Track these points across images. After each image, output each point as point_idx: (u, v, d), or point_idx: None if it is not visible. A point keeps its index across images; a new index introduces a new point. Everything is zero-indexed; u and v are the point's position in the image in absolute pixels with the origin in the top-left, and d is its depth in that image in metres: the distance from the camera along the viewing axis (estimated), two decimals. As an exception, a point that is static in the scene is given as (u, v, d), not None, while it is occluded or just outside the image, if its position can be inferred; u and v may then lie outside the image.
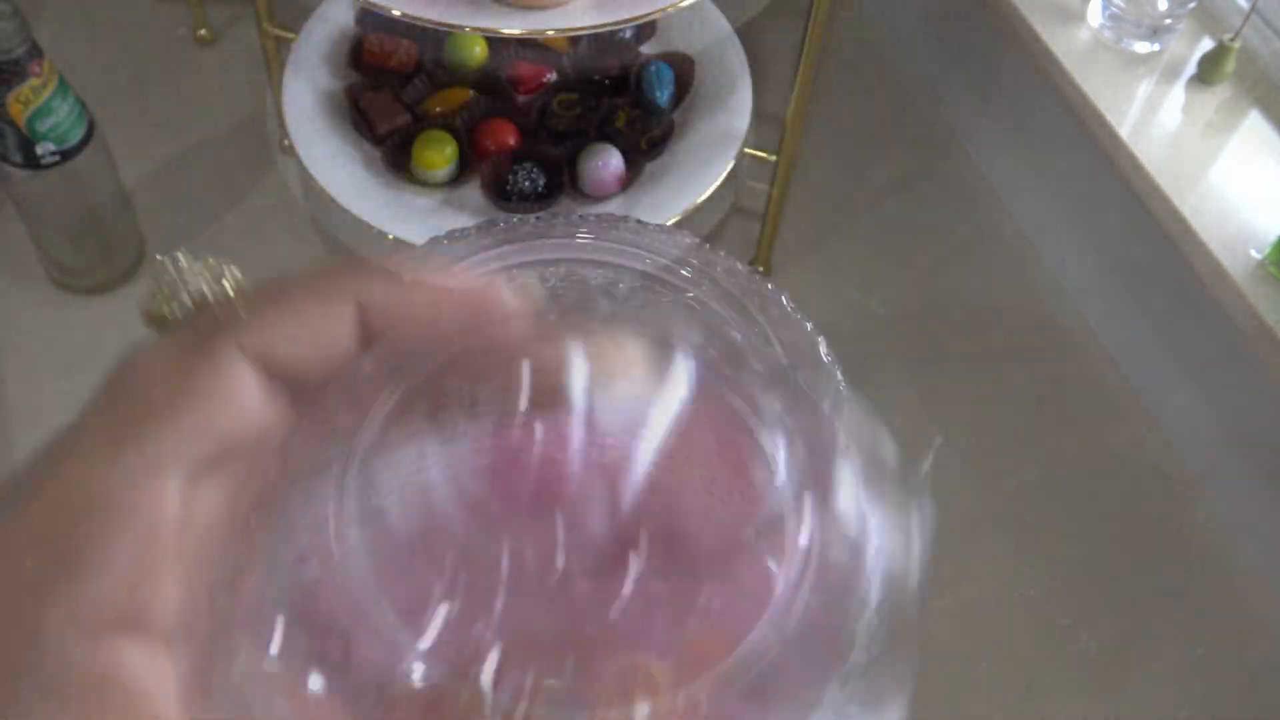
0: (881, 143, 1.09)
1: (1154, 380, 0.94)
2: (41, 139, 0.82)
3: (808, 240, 1.02)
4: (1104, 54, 0.86)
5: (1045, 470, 0.91)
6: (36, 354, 0.91)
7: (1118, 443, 0.93)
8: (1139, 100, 0.85)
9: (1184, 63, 0.87)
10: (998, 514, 0.89)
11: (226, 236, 0.98)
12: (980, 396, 0.94)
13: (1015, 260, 1.02)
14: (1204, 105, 0.85)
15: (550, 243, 0.54)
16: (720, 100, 0.92)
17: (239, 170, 1.03)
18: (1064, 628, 0.84)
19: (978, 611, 0.84)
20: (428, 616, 0.24)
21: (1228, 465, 0.88)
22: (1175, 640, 0.84)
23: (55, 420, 0.80)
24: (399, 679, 0.25)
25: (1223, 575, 0.87)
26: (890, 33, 1.17)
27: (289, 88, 0.91)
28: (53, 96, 0.81)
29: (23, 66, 0.79)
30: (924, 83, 1.13)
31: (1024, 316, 0.99)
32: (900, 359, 0.96)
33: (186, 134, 1.05)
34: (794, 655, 0.25)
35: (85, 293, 0.94)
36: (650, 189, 0.88)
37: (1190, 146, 0.82)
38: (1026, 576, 0.86)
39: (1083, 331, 0.98)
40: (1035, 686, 0.81)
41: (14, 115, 0.80)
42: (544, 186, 0.87)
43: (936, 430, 0.92)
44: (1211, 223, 0.78)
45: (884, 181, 1.07)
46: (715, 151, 0.89)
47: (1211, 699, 0.81)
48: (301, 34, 0.95)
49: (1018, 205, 1.05)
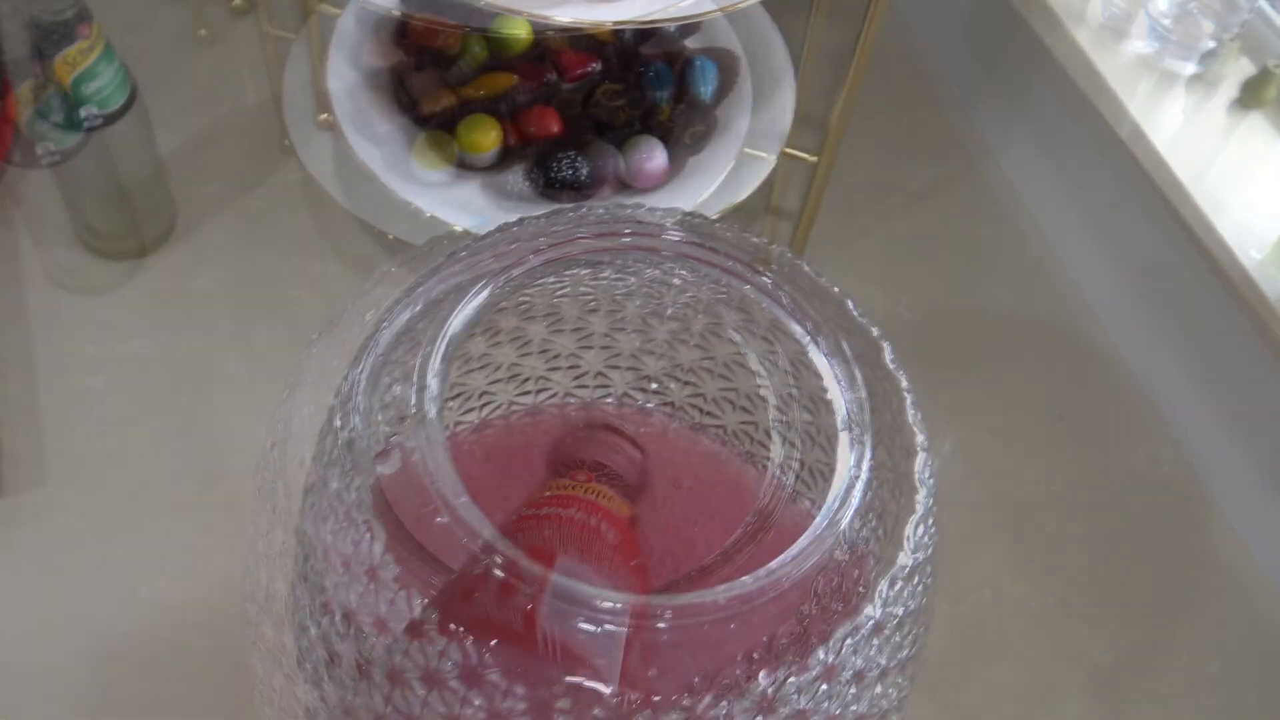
0: (912, 149, 1.10)
1: (1173, 396, 0.95)
2: (85, 102, 0.82)
3: (837, 242, 1.03)
4: (1147, 72, 0.87)
5: (1063, 481, 0.92)
6: (67, 318, 0.90)
7: (1135, 456, 0.94)
8: (1179, 120, 0.86)
9: (1225, 85, 0.88)
10: (1014, 523, 0.90)
11: (258, 208, 0.98)
12: (1001, 405, 0.95)
13: (1040, 271, 1.03)
14: (1244, 129, 0.86)
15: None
16: (763, 98, 0.92)
17: (272, 143, 1.02)
18: (1079, 639, 0.85)
19: (993, 620, 0.85)
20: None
21: (1244, 480, 0.90)
22: (1189, 653, 0.85)
23: (84, 383, 0.81)
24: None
25: (1237, 589, 0.88)
26: (924, 39, 1.18)
27: (333, 62, 0.91)
28: (99, 60, 0.81)
29: (71, 28, 0.79)
30: (957, 91, 1.14)
31: (1047, 327, 1.00)
32: (925, 363, 0.96)
33: (219, 105, 1.04)
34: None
35: (117, 258, 0.94)
36: (693, 184, 0.88)
37: (1230, 169, 0.83)
38: (1043, 586, 0.87)
39: (1106, 346, 1.00)
40: (1050, 697, 0.82)
41: (60, 77, 0.80)
42: (587, 175, 0.87)
43: (956, 434, 0.93)
44: (1247, 244, 0.79)
45: (914, 188, 1.07)
46: (757, 149, 0.89)
47: (1225, 712, 0.83)
48: (346, 9, 0.95)
49: (1044, 217, 1.06)
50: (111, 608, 0.79)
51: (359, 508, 0.47)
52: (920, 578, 0.49)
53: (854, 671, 0.46)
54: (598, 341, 0.69)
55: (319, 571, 0.51)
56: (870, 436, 0.48)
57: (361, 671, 0.49)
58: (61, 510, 0.82)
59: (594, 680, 0.44)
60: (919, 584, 0.49)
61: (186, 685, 0.76)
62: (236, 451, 0.86)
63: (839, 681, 0.46)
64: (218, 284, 0.94)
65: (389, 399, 0.49)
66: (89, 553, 0.81)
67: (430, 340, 0.49)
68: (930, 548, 0.50)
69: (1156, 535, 0.90)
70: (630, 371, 0.71)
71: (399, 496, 0.48)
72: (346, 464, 0.49)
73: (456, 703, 0.45)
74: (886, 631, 0.47)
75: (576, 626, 0.44)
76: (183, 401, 0.88)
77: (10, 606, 0.78)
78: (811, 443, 0.65)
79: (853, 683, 0.47)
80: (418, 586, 0.45)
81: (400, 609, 0.46)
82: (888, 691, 0.49)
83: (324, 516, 0.50)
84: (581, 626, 0.44)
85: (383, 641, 0.47)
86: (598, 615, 0.43)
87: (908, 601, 0.48)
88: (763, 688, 0.44)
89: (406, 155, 0.88)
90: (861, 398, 0.50)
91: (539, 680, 0.44)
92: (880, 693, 0.49)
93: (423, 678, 0.46)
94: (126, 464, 0.84)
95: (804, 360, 0.56)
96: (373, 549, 0.46)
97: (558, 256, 0.53)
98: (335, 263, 0.96)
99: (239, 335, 0.91)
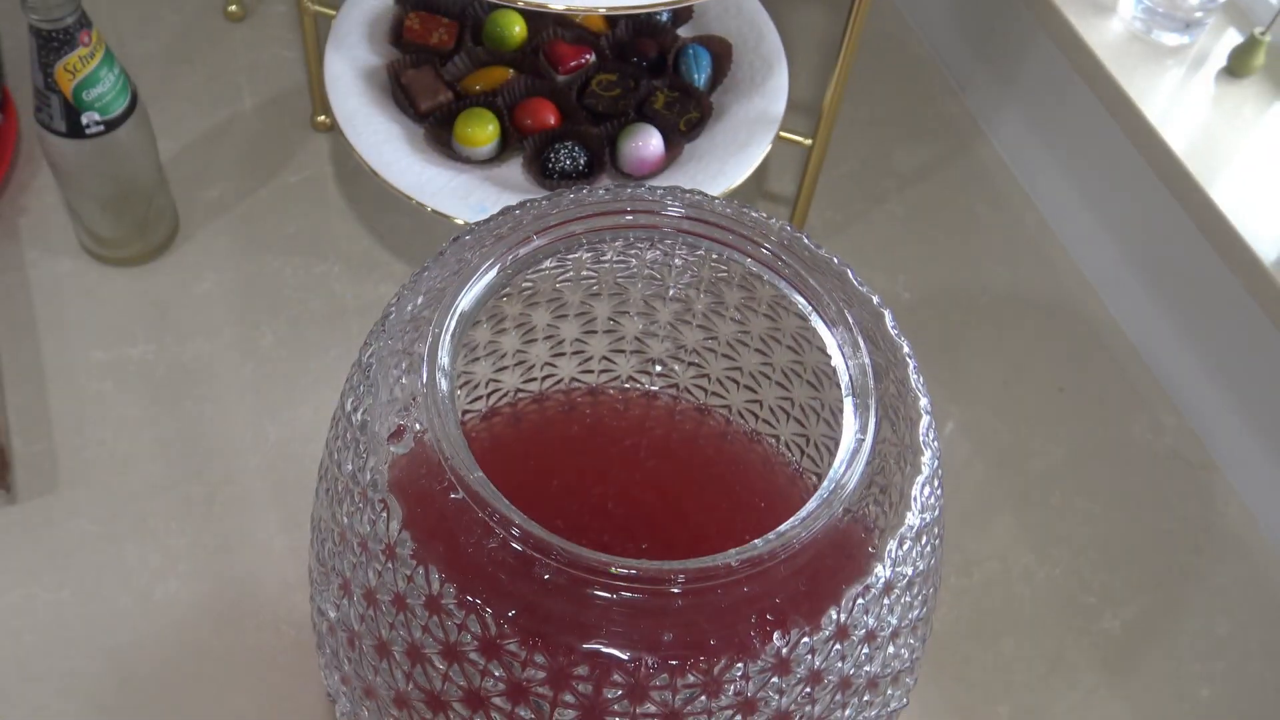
0: (905, 131, 1.11)
1: (1175, 366, 0.96)
2: (87, 109, 0.83)
3: (833, 225, 1.04)
4: (1135, 46, 0.88)
5: (1068, 453, 0.93)
6: (71, 325, 0.91)
7: (1138, 427, 0.95)
8: (1169, 91, 0.86)
9: (1213, 55, 0.88)
10: (1021, 495, 0.90)
11: (259, 210, 0.99)
12: (1003, 380, 0.96)
13: (1037, 248, 1.04)
14: (1233, 97, 0.86)
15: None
16: (757, 84, 0.93)
17: (271, 146, 1.03)
18: (1088, 606, 0.86)
19: (1002, 589, 0.86)
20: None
21: (1247, 449, 0.91)
22: (1197, 618, 0.86)
23: (93, 389, 0.82)
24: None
25: (1242, 556, 0.89)
26: (913, 19, 1.19)
27: (330, 64, 0.92)
28: (99, 66, 0.82)
29: (72, 35, 0.79)
30: (947, 72, 1.15)
31: (1046, 303, 1.01)
32: (926, 342, 0.97)
33: (217, 110, 1.05)
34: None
35: (121, 264, 0.94)
36: (689, 170, 0.89)
37: (1221, 137, 0.84)
38: (1051, 556, 0.88)
39: (1104, 318, 1.00)
40: (1060, 663, 0.83)
41: (61, 84, 0.81)
42: (585, 165, 0.88)
43: (958, 413, 0.94)
44: (1241, 210, 0.80)
45: (907, 169, 1.08)
46: (753, 134, 0.90)
47: (1232, 675, 0.83)
48: (341, 11, 0.96)
49: (1040, 194, 1.06)
50: (126, 609, 0.79)
51: (374, 487, 0.48)
52: (928, 538, 0.50)
53: (866, 631, 0.47)
54: (601, 326, 0.69)
55: (336, 554, 0.52)
56: (875, 401, 0.49)
57: (381, 651, 0.50)
58: (73, 515, 0.83)
59: (610, 647, 0.44)
60: (927, 544, 0.50)
61: (203, 684, 0.77)
62: (246, 452, 0.87)
63: (851, 641, 0.47)
64: (222, 287, 0.95)
65: (400, 381, 0.49)
66: (102, 556, 0.81)
67: (440, 319, 0.49)
68: (937, 509, 0.51)
69: (1161, 502, 0.91)
70: (635, 355, 0.72)
71: (413, 477, 0.48)
72: (360, 445, 0.49)
73: (477, 675, 0.46)
74: (897, 591, 0.48)
75: (592, 594, 0.44)
76: (190, 404, 0.89)
77: (27, 612, 0.79)
78: (817, 417, 0.66)
79: (865, 642, 0.47)
80: (435, 562, 0.46)
81: (419, 585, 0.46)
82: (900, 652, 0.50)
83: (339, 499, 0.51)
84: (597, 594, 0.44)
85: (402, 619, 0.48)
86: (612, 582, 0.44)
87: (916, 562, 0.49)
88: (777, 648, 0.44)
89: (408, 150, 0.89)
90: (865, 364, 0.50)
91: (557, 649, 0.44)
92: (893, 653, 0.49)
93: (442, 652, 0.47)
94: (136, 467, 0.85)
95: (806, 333, 0.57)
96: (389, 527, 0.47)
97: (562, 236, 0.53)
98: (338, 263, 0.97)
99: (244, 337, 0.92)
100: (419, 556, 0.46)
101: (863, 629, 0.47)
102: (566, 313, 0.68)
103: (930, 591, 0.51)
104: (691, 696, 0.44)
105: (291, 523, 0.84)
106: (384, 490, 0.48)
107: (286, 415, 0.89)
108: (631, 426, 0.71)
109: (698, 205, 0.57)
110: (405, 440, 0.48)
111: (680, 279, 0.65)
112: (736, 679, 0.44)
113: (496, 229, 0.54)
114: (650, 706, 0.44)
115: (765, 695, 0.45)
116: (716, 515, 0.67)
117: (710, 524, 0.67)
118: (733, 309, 0.66)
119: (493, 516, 0.45)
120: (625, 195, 0.56)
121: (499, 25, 0.93)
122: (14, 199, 0.97)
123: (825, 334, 0.53)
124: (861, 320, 0.53)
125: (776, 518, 0.47)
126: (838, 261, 0.56)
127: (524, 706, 0.46)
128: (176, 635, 0.79)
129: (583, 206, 0.55)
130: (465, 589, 0.45)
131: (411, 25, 0.93)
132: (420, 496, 0.47)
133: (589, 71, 0.93)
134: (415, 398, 0.48)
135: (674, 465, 0.70)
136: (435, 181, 0.87)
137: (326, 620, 0.54)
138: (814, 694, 0.46)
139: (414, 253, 0.98)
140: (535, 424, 0.71)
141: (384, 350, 0.51)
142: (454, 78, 0.92)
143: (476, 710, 0.47)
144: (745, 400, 0.70)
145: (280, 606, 0.80)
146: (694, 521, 0.69)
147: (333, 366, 0.92)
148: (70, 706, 0.76)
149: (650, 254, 0.64)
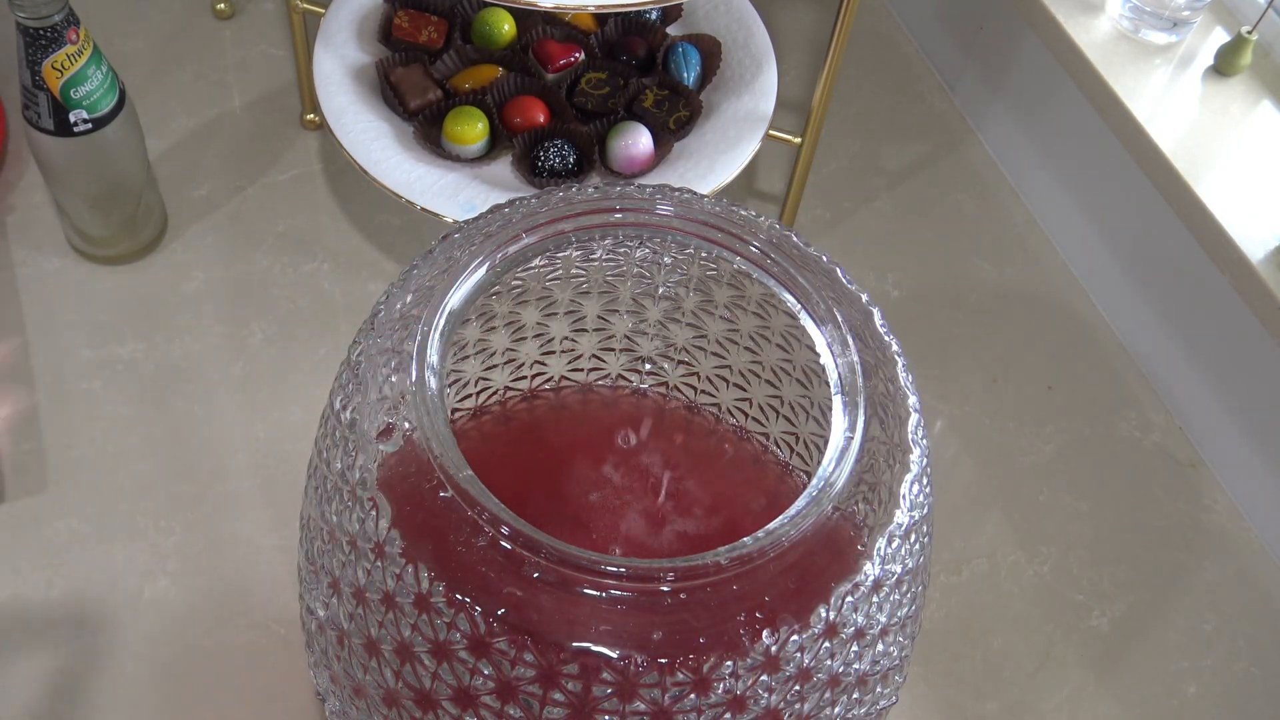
0: (893, 130, 1.11)
1: (1163, 364, 0.96)
2: (75, 107, 0.82)
3: (822, 223, 1.04)
4: (1123, 44, 0.88)
5: (1056, 450, 0.93)
6: (59, 324, 0.91)
7: (1127, 425, 0.95)
8: (1157, 89, 0.87)
9: (1200, 54, 0.89)
10: (1008, 494, 0.91)
11: (248, 209, 0.99)
12: (990, 378, 0.96)
13: (1026, 246, 1.04)
14: (1220, 96, 0.87)
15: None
16: (746, 82, 0.93)
17: (260, 144, 1.03)
18: (1076, 603, 0.86)
19: (990, 590, 0.86)
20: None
21: (1234, 446, 0.91)
22: (1184, 615, 0.86)
23: (82, 388, 0.82)
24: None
25: (1229, 553, 0.89)
26: (902, 18, 1.19)
27: (319, 62, 0.92)
28: (87, 64, 0.81)
29: (59, 33, 0.79)
30: (936, 71, 1.15)
31: (1035, 301, 1.01)
32: (915, 340, 0.98)
33: (205, 108, 1.05)
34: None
35: (108, 263, 0.94)
36: (679, 168, 0.89)
37: (1208, 135, 0.84)
38: (1039, 554, 0.88)
39: (1093, 317, 1.01)
40: (1049, 660, 0.83)
41: (49, 82, 0.81)
42: (574, 163, 0.88)
43: (946, 411, 0.94)
44: (1228, 208, 0.81)
45: (896, 167, 1.09)
46: (742, 132, 0.90)
47: (1220, 672, 0.84)
48: (330, 9, 0.96)
49: (1028, 192, 1.07)
50: (116, 610, 0.79)
51: (363, 485, 0.48)
52: (917, 536, 0.50)
53: (855, 629, 0.47)
54: (590, 324, 0.69)
55: (325, 553, 0.52)
56: (864, 399, 0.49)
57: (371, 650, 0.50)
58: (62, 515, 0.83)
59: (600, 645, 0.44)
60: (915, 542, 0.50)
61: (193, 683, 0.77)
62: (234, 450, 0.86)
63: (841, 639, 0.47)
64: (210, 285, 0.94)
65: (389, 379, 0.49)
66: (91, 556, 0.81)
67: (429, 317, 0.49)
68: (926, 507, 0.51)
69: (1150, 500, 0.91)
70: (625, 354, 0.72)
71: (402, 476, 0.48)
72: (349, 444, 0.49)
73: (466, 673, 0.46)
74: (886, 589, 0.48)
75: (581, 592, 0.44)
76: (179, 403, 0.88)
77: (16, 612, 0.79)
78: (806, 415, 0.66)
79: (854, 640, 0.47)
80: (424, 560, 0.46)
81: (408, 583, 0.46)
82: (889, 649, 0.50)
83: (328, 498, 0.51)
84: (586, 592, 0.44)
85: (391, 617, 0.48)
86: (602, 580, 0.44)
87: (905, 559, 0.49)
88: (766, 646, 0.45)
89: (397, 148, 0.89)
90: (854, 361, 0.50)
91: (546, 647, 0.44)
92: (882, 650, 0.49)
93: (432, 651, 0.47)
94: (125, 466, 0.85)
95: (795, 331, 0.57)
96: (379, 525, 0.47)
97: (552, 234, 0.53)
98: (327, 262, 0.96)
99: (233, 335, 0.92)
100: (408, 555, 0.46)
101: (852, 627, 0.47)
102: (556, 311, 0.68)
103: (919, 589, 0.52)
104: (681, 694, 0.44)
105: (280, 521, 0.84)
106: (373, 488, 0.48)
107: (275, 414, 0.89)
108: (621, 424, 0.71)
109: (687, 203, 0.57)
110: (394, 438, 0.48)
111: (669, 277, 0.66)
112: (726, 677, 0.44)
113: (486, 227, 0.54)
114: (640, 704, 0.44)
115: (754, 693, 0.45)
116: (706, 513, 0.67)
117: (699, 522, 0.67)
118: (722, 307, 0.66)
119: (482, 515, 0.45)
120: (614, 193, 0.56)
121: (488, 23, 0.93)
122: (2, 197, 0.97)
123: (814, 332, 0.53)
124: (850, 318, 0.53)
125: (765, 516, 0.47)
126: (827, 259, 0.57)
127: (513, 705, 0.46)
128: (166, 634, 0.79)
129: (572, 205, 0.55)
130: (454, 587, 0.45)
131: (401, 23, 0.93)
132: (409, 495, 0.47)
133: (578, 70, 0.93)
134: (404, 396, 0.48)
135: (663, 463, 0.70)
136: (424, 180, 0.87)
137: (316, 619, 0.54)
138: (803, 692, 0.46)
139: (403, 251, 0.98)
140: (524, 422, 0.71)
141: (373, 348, 0.51)
142: (443, 76, 0.92)
143: (466, 709, 0.47)
144: (734, 398, 0.70)
145: (270, 605, 0.80)
146: (683, 519, 0.69)
147: (322, 365, 0.91)
148: (60, 706, 0.75)
149: (639, 252, 0.64)
